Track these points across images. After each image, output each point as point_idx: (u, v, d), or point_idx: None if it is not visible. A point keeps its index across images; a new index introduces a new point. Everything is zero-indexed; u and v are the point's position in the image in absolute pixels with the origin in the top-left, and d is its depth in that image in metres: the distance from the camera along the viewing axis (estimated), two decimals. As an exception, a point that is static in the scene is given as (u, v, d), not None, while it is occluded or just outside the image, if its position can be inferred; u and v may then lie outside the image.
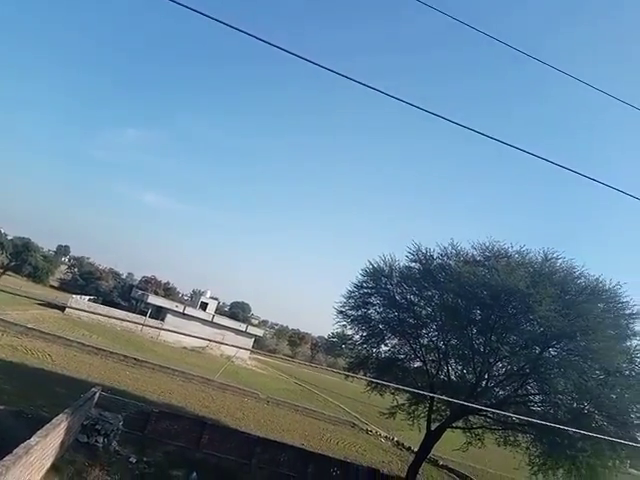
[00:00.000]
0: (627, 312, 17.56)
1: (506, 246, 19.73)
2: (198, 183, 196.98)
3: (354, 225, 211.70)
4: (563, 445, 16.30)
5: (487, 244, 20.14)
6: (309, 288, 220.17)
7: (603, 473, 16.75)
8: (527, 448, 18.28)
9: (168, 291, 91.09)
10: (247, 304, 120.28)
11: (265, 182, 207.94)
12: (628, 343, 17.63)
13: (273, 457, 18.93)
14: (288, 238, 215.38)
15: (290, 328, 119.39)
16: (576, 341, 15.91)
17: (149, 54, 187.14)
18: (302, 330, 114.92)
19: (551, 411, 17.56)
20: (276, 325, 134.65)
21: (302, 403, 38.73)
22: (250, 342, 61.19)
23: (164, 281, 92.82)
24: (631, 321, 17.67)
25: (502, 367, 19.68)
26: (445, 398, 18.03)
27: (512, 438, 19.53)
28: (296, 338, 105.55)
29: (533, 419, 14.91)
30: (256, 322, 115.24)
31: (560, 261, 18.12)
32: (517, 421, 18.91)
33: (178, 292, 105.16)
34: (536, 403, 18.68)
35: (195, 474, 15.93)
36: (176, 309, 57.23)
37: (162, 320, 55.54)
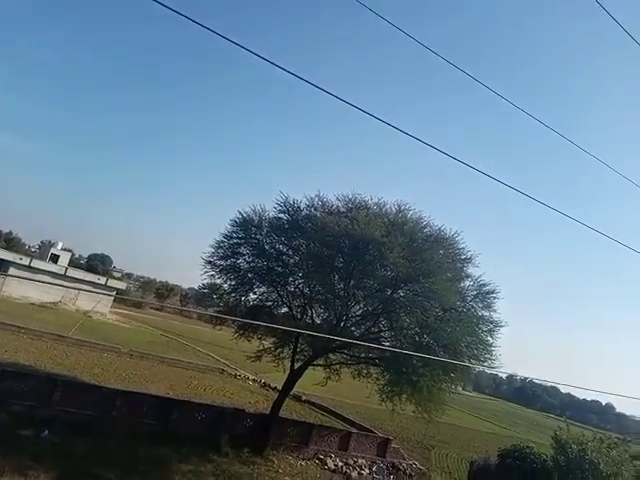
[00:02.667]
0: (462, 257, 20.31)
1: (367, 198, 21.11)
2: (41, 118, 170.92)
3: (223, 184, 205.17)
4: (407, 373, 18.62)
5: (350, 196, 21.32)
6: (177, 239, 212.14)
7: (438, 393, 19.72)
8: (377, 379, 20.52)
9: (11, 242, 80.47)
10: (108, 256, 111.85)
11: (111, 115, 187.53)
12: (462, 284, 20.51)
13: (135, 408, 18.57)
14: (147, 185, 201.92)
15: (158, 281, 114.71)
16: (420, 283, 17.99)
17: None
18: (171, 282, 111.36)
19: (398, 345, 19.86)
20: (142, 278, 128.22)
21: (169, 354, 38.14)
22: (110, 296, 57.46)
23: (5, 230, 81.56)
24: (465, 265, 20.52)
25: (359, 309, 21.49)
26: (312, 333, 19.11)
27: (365, 371, 21.71)
28: (164, 290, 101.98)
29: (394, 348, 16.76)
30: (118, 275, 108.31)
31: (411, 212, 20.05)
32: (373, 355, 21.14)
33: (24, 244, 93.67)
34: (386, 339, 20.95)
35: (47, 431, 14.99)
36: (20, 262, 50.90)
37: (3, 274, 49.11)
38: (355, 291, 19.08)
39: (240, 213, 21.62)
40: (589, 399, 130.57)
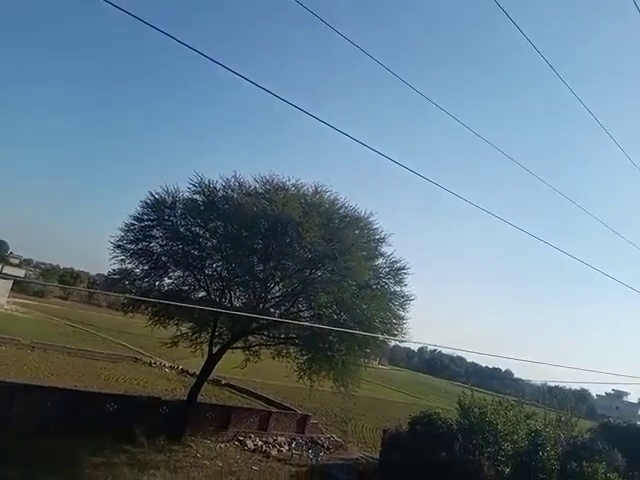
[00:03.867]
0: (376, 237, 21.11)
1: (284, 179, 21.08)
2: None
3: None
4: (325, 349, 19.21)
5: (268, 177, 21.15)
6: (82, 218, 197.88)
7: (354, 368, 20.53)
8: (296, 357, 20.90)
9: None
10: (3, 242, 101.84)
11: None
12: (376, 262, 21.34)
13: (39, 403, 17.30)
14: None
15: (62, 267, 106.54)
16: (336, 262, 18.46)
17: None
18: (77, 268, 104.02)
19: (317, 323, 20.32)
20: (43, 264, 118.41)
21: (76, 345, 35.81)
22: (7, 284, 52.56)
23: None
24: (379, 244, 21.36)
25: (278, 290, 21.63)
26: (234, 313, 18.93)
27: (285, 351, 21.97)
28: (69, 277, 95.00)
29: (317, 324, 17.06)
30: (17, 262, 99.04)
31: (328, 194, 20.37)
32: (292, 334, 21.44)
33: None
34: (305, 318, 21.31)
35: None
36: None
37: None
38: (274, 272, 19.15)
39: (151, 194, 20.63)
40: (491, 367, 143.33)
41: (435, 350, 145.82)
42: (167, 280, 22.09)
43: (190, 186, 20.54)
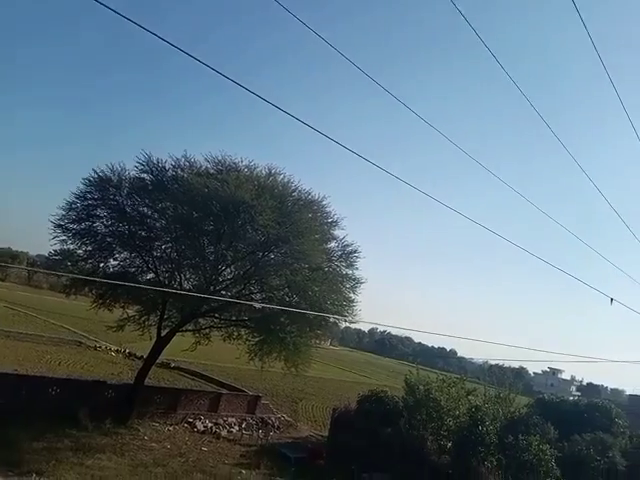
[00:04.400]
0: (329, 220, 21.27)
1: (237, 160, 20.71)
2: None
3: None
4: (276, 331, 19.29)
5: (220, 157, 20.71)
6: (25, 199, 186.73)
7: (305, 349, 20.78)
8: (247, 339, 20.89)
9: None
10: None
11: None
12: (329, 245, 21.55)
13: (-26, 388, 16.44)
14: None
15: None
16: (290, 245, 18.48)
17: None
18: (16, 249, 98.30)
19: (269, 305, 20.34)
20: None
21: (15, 328, 34.08)
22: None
23: None
24: (332, 227, 21.54)
25: (230, 272, 21.42)
26: (185, 293, 18.53)
27: (236, 333, 21.88)
28: (7, 258, 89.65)
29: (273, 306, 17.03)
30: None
31: (281, 176, 20.23)
32: (243, 316, 21.36)
33: None
34: (257, 301, 21.25)
35: None
36: None
37: None
38: (226, 254, 18.90)
39: (95, 171, 19.72)
40: (437, 346, 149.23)
41: (385, 331, 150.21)
42: (113, 262, 21.37)
43: (137, 164, 19.82)
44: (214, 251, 20.29)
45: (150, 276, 21.77)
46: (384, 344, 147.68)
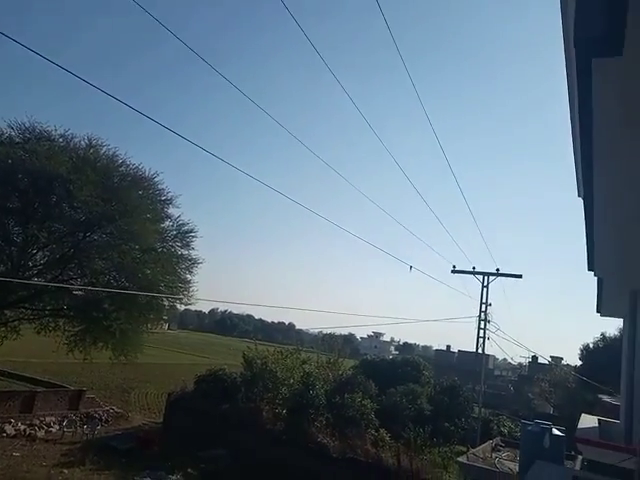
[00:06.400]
0: (163, 198, 20.21)
1: (50, 128, 18.22)
2: None
3: None
4: (100, 318, 17.79)
5: (27, 124, 17.96)
6: None
7: (134, 336, 19.62)
8: (66, 330, 18.85)
9: None
10: None
11: None
12: (162, 225, 20.47)
13: None
14: None
15: None
16: (116, 224, 17.09)
17: None
18: None
19: (92, 291, 18.59)
20: None
21: None
22: None
23: None
24: (166, 206, 20.51)
25: (44, 256, 19.00)
26: None
27: (52, 324, 19.54)
28: None
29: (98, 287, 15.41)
30: None
31: (104, 149, 18.46)
32: (61, 305, 19.11)
33: None
34: (77, 286, 19.26)
35: None
36: None
37: None
38: (38, 233, 16.61)
39: None
40: (276, 321, 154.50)
41: (226, 310, 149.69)
42: None
43: None
44: (22, 232, 17.75)
45: None
46: (225, 323, 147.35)
